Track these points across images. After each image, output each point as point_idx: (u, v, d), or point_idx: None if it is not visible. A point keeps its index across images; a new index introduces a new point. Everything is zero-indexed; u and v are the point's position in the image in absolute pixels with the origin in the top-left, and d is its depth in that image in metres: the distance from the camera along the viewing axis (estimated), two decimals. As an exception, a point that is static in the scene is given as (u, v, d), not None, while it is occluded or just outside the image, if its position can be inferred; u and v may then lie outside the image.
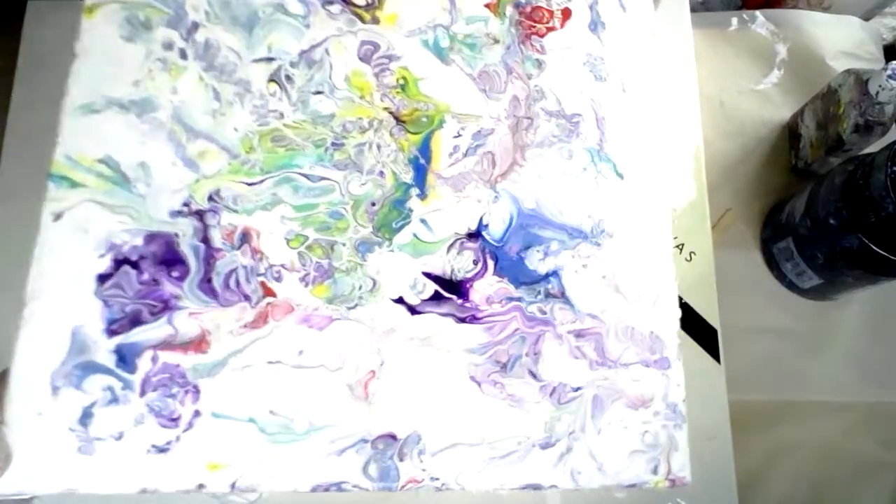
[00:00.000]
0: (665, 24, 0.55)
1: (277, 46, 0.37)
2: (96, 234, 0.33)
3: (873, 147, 0.48)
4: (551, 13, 0.42)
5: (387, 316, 0.35)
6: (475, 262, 0.36)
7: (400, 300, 0.35)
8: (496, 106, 0.39)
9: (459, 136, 0.38)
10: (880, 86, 0.47)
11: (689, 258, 0.49)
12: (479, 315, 0.35)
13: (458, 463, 0.34)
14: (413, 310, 0.35)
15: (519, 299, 0.36)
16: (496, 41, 0.40)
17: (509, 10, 0.41)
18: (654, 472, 0.36)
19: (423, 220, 0.36)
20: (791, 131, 0.59)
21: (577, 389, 0.36)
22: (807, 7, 0.63)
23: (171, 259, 0.33)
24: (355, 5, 0.39)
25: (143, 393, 0.31)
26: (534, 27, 0.41)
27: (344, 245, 0.35)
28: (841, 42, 0.62)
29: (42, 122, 0.34)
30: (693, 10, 0.56)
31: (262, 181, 0.35)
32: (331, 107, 0.37)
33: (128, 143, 0.34)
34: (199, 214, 0.34)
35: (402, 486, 0.33)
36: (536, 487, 0.34)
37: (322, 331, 0.34)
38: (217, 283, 0.33)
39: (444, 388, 0.34)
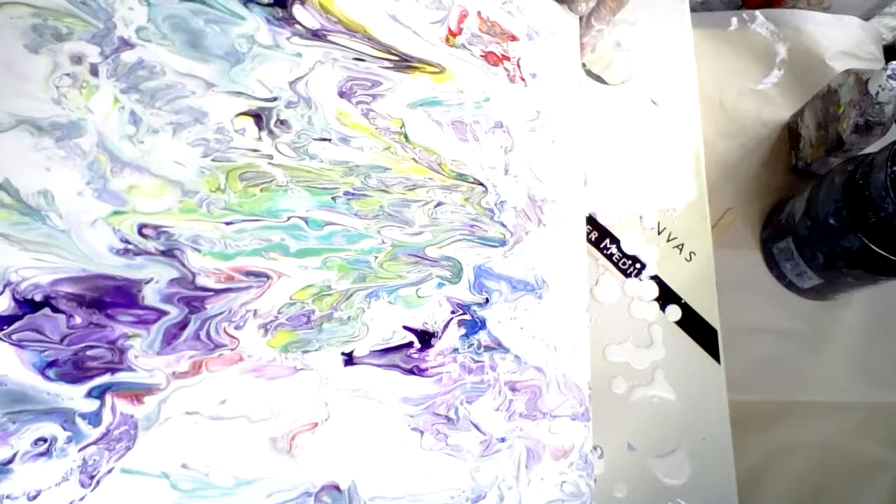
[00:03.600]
0: (665, 24, 0.55)
1: (272, 83, 0.33)
2: None
3: (873, 147, 0.48)
4: (511, 60, 0.41)
5: (323, 365, 0.32)
6: (452, 313, 0.35)
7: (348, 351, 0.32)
8: (484, 158, 0.38)
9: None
10: (880, 86, 0.47)
11: (689, 258, 0.48)
12: (423, 366, 0.34)
13: None
14: (350, 360, 0.32)
15: (455, 350, 0.35)
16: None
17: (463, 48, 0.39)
18: None
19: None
20: (791, 131, 0.59)
21: (503, 440, 0.35)
22: (807, 7, 0.63)
23: (121, 303, 0.28)
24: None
25: (86, 447, 0.26)
26: (512, 75, 0.41)
27: (361, 292, 0.33)
28: (841, 42, 0.62)
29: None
30: (693, 10, 0.56)
31: (243, 221, 0.31)
32: (359, 156, 0.34)
33: (29, 167, 0.28)
34: (170, 255, 0.29)
35: None
36: None
37: (270, 381, 0.30)
38: (189, 329, 0.29)
39: (380, 440, 0.32)
